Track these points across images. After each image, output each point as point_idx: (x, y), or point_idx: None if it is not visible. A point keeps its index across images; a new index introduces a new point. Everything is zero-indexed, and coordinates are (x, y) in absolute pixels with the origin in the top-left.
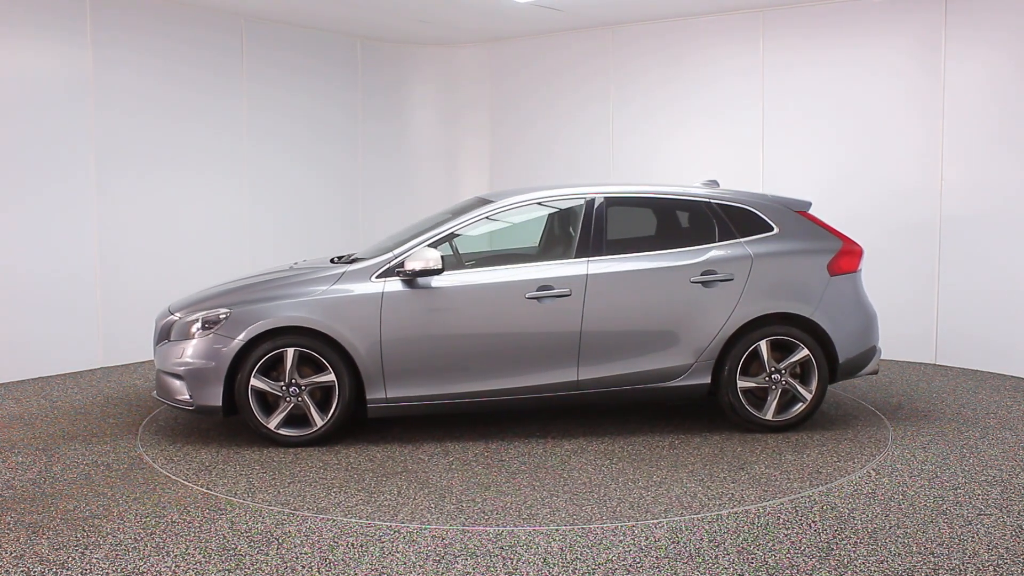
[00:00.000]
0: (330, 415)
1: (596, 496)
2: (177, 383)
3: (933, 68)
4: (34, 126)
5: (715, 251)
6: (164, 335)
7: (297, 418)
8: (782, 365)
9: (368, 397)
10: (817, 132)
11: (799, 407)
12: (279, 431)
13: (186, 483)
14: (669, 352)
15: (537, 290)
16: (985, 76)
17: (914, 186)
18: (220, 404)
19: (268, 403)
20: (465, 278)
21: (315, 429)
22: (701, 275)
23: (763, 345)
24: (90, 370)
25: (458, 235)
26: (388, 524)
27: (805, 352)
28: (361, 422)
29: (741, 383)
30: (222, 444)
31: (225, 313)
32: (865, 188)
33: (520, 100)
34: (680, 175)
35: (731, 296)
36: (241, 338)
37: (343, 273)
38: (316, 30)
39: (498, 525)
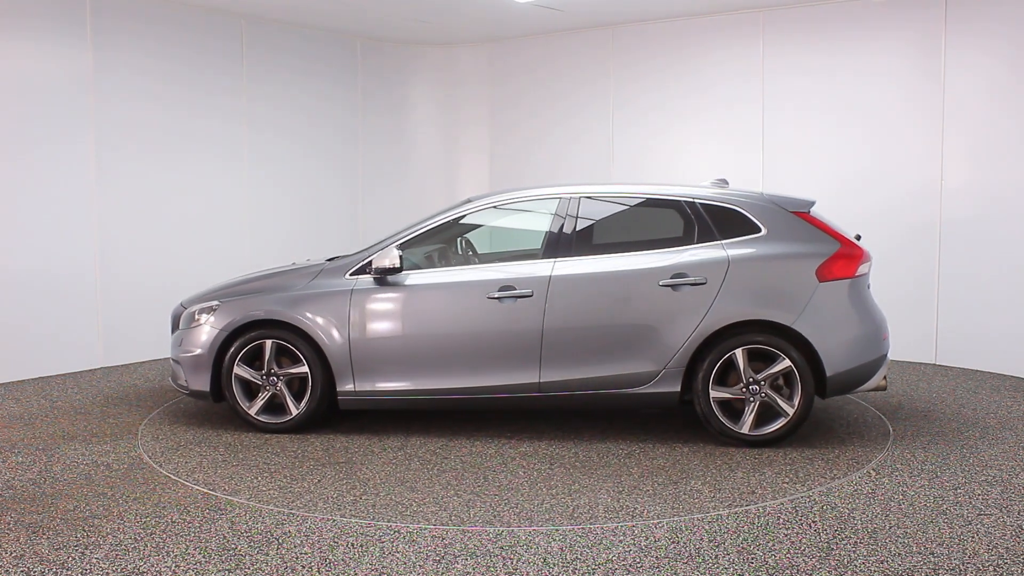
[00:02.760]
0: (303, 405)
1: (492, 500)
2: (178, 368)
3: (933, 69)
4: (34, 127)
5: (690, 253)
6: (175, 325)
7: (277, 406)
8: (761, 376)
9: (338, 389)
10: (817, 133)
11: (780, 422)
12: (258, 417)
13: (186, 483)
14: (635, 357)
15: (499, 290)
16: (985, 77)
17: (914, 186)
18: (209, 389)
19: (252, 390)
20: (431, 277)
21: (290, 417)
22: (671, 278)
23: (739, 354)
24: (90, 370)
25: (430, 235)
26: (388, 524)
27: (786, 363)
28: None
29: (715, 393)
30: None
31: (215, 305)
32: (865, 189)
33: (520, 100)
34: (680, 175)
35: (703, 301)
36: (224, 328)
37: (321, 270)
38: (316, 30)
39: (375, 520)
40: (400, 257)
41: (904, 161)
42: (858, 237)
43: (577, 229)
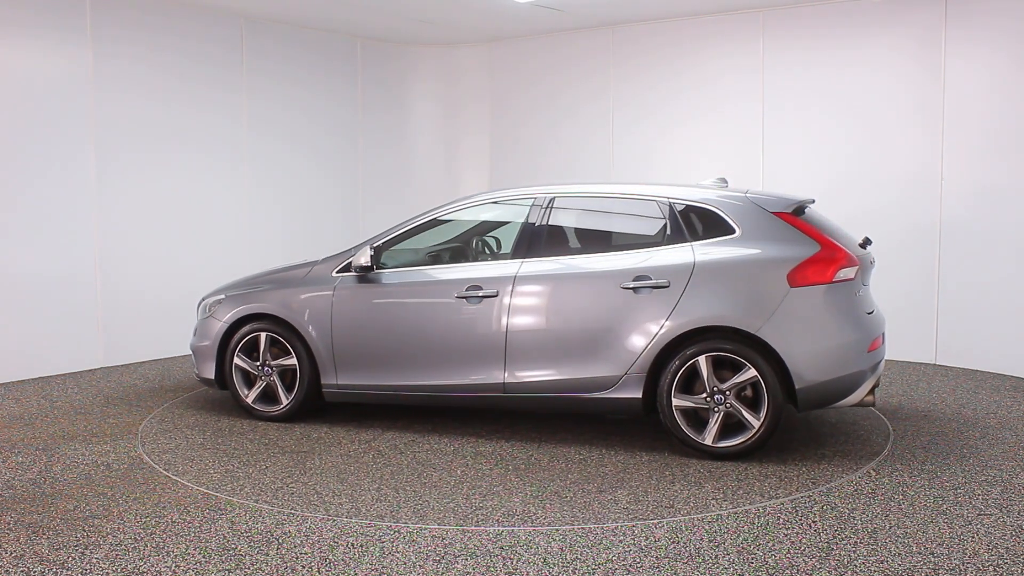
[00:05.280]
0: (292, 396)
1: (401, 496)
2: (193, 357)
3: (933, 68)
4: (34, 127)
5: (656, 255)
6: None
7: (272, 395)
8: (726, 385)
9: (322, 382)
10: (817, 132)
11: (746, 435)
12: (254, 405)
13: (186, 483)
14: (596, 362)
15: (466, 290)
16: (985, 76)
17: (914, 186)
18: (214, 377)
19: (251, 380)
20: (406, 276)
21: (281, 407)
22: (633, 280)
23: (702, 361)
24: (90, 370)
25: (409, 234)
26: (388, 524)
27: (752, 373)
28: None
29: (677, 401)
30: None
31: (221, 298)
32: (865, 188)
33: (520, 100)
34: (680, 175)
35: (664, 305)
36: (225, 321)
37: (312, 268)
38: (316, 30)
39: (293, 509)
40: (372, 256)
41: (904, 159)
42: (867, 241)
43: (547, 229)
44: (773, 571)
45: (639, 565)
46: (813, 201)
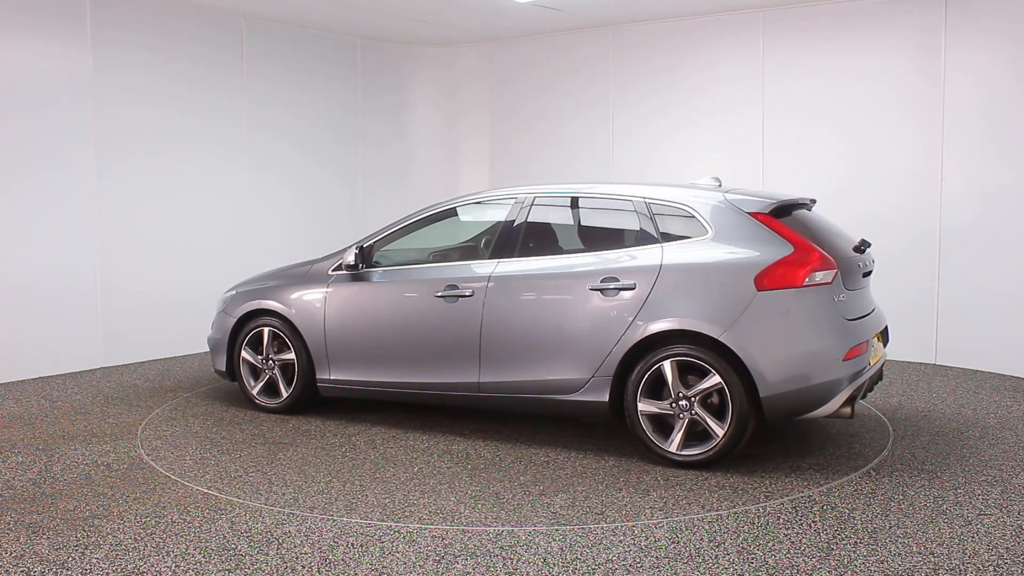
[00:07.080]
0: (291, 389)
1: (338, 489)
2: (209, 349)
3: (933, 70)
4: (34, 127)
5: (625, 256)
6: None
7: (275, 389)
8: (691, 392)
9: (317, 376)
10: (817, 133)
11: (710, 443)
12: (258, 397)
13: (186, 483)
14: (564, 363)
15: (444, 289)
16: (985, 79)
17: (914, 187)
18: (224, 369)
19: (257, 373)
20: (391, 275)
21: (281, 400)
22: (600, 282)
23: (667, 366)
24: (90, 370)
25: (397, 235)
26: (388, 524)
27: (716, 379)
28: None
29: (643, 406)
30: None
31: (233, 293)
32: (866, 189)
33: (520, 100)
34: (680, 175)
35: (630, 307)
36: (234, 316)
37: (312, 266)
38: (316, 30)
39: (237, 496)
40: (357, 255)
41: (905, 161)
42: (864, 243)
43: (524, 230)
44: (773, 571)
45: (639, 565)
46: (813, 201)
